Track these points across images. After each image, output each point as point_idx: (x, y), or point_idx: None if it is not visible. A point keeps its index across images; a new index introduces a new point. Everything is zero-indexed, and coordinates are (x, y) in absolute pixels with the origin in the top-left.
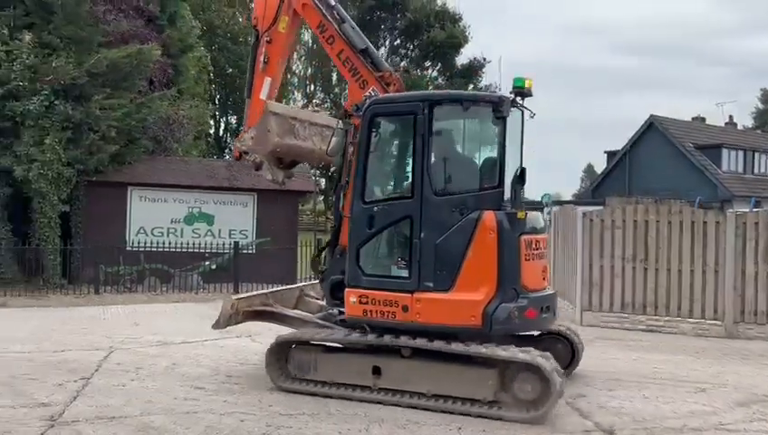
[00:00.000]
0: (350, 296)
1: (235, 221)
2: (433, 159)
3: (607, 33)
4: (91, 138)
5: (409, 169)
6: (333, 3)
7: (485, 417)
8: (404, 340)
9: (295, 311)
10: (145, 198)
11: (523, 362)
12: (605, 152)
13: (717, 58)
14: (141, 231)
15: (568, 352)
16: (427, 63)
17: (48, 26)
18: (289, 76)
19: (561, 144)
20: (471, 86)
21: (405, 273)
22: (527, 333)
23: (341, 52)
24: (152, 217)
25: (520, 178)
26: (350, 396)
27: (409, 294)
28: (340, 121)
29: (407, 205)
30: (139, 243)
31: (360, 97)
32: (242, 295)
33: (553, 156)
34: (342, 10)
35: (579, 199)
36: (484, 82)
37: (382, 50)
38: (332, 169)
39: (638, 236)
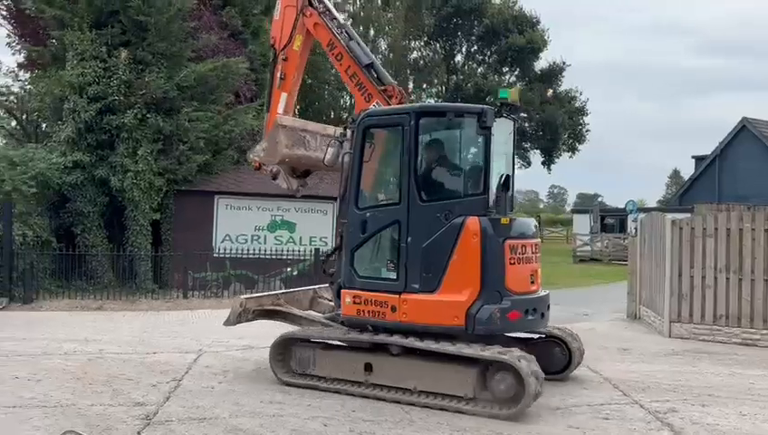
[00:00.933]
0: (346, 297)
1: (315, 228)
2: (419, 167)
3: (692, 33)
4: (180, 149)
5: (398, 176)
6: (342, 21)
7: (466, 413)
8: (383, 337)
9: (303, 311)
10: (230, 207)
11: (502, 361)
12: (693, 157)
13: None
14: (227, 238)
15: (565, 355)
16: (505, 69)
17: (142, 43)
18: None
19: (644, 149)
20: (550, 91)
21: (393, 275)
22: (524, 335)
23: (349, 67)
24: (237, 225)
25: (504, 185)
26: (345, 391)
27: (397, 295)
28: (336, 133)
29: (395, 210)
30: (224, 249)
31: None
32: (251, 295)
33: (637, 161)
34: (350, 28)
35: (665, 206)
36: (563, 86)
37: (459, 56)
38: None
39: (731, 244)
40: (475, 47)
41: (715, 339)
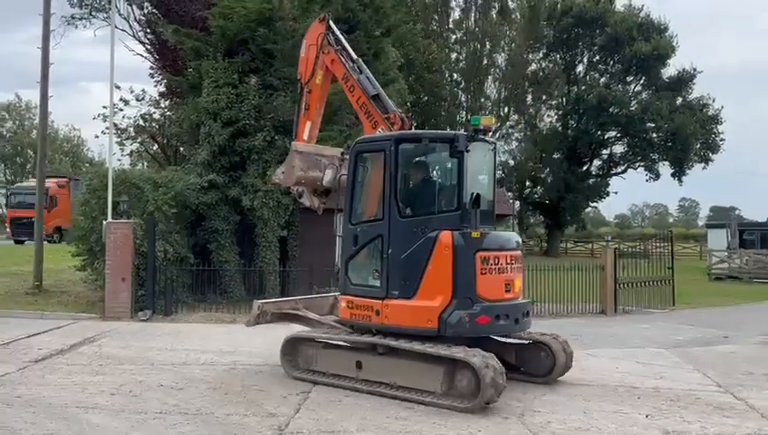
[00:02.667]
0: (342, 302)
1: None
2: (399, 187)
3: None
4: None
5: (381, 195)
6: (355, 57)
7: (436, 406)
8: (367, 338)
9: (318, 315)
10: None
11: (460, 359)
12: None
13: None
14: None
15: (549, 359)
16: (629, 78)
17: (270, 69)
18: (482, 100)
19: None
20: (680, 99)
21: (378, 283)
22: (516, 340)
23: (359, 98)
24: None
25: (474, 202)
26: (339, 385)
27: (380, 301)
28: (335, 157)
29: (379, 225)
30: None
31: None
32: (269, 300)
33: None
34: (361, 63)
35: None
36: (693, 94)
37: (580, 67)
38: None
39: None
40: (597, 57)
41: None
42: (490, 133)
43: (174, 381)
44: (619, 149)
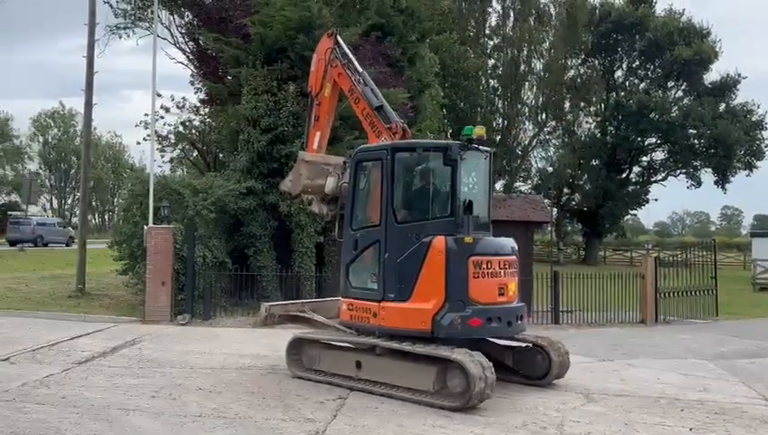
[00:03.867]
0: (343, 304)
1: None
2: (395, 194)
3: None
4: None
5: (378, 202)
6: (361, 71)
7: (428, 405)
8: (365, 339)
9: (323, 318)
10: None
11: (452, 360)
12: None
13: None
14: None
15: (545, 362)
16: (671, 83)
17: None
18: (519, 106)
19: None
20: (723, 105)
21: (375, 286)
22: (514, 343)
23: (364, 109)
24: None
25: (467, 209)
26: (340, 384)
27: (377, 303)
28: (336, 166)
29: (376, 231)
30: None
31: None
32: (276, 303)
33: None
34: (366, 75)
35: None
36: (737, 100)
37: (619, 72)
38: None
39: None
40: (637, 62)
41: None
42: (484, 142)
43: (212, 385)
44: (659, 155)
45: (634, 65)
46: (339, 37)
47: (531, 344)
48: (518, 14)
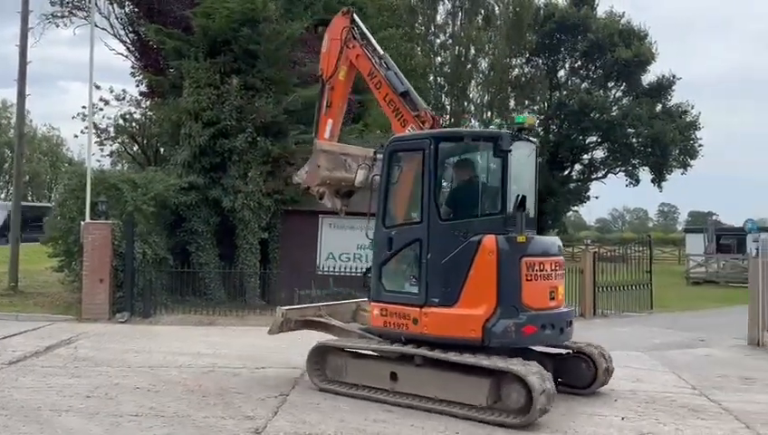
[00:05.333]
0: (374, 309)
1: None
2: (439, 188)
3: None
4: (287, 170)
5: (419, 197)
6: (382, 53)
7: (477, 420)
8: (408, 348)
9: (343, 323)
10: (334, 226)
11: (517, 374)
12: None
13: None
14: (330, 256)
15: (591, 372)
16: (611, 84)
17: (252, 70)
18: (466, 104)
19: (763, 165)
20: (659, 106)
21: (415, 289)
22: (554, 350)
23: (387, 95)
24: (340, 244)
25: (520, 205)
26: (373, 398)
27: (418, 308)
28: (360, 157)
29: (417, 229)
30: (328, 268)
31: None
32: (293, 307)
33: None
34: (389, 58)
35: None
36: (673, 101)
37: (562, 72)
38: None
39: None
40: (579, 62)
41: None
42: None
43: (151, 384)
44: (599, 154)
45: (576, 65)
46: (356, 16)
47: (575, 351)
48: (466, 13)
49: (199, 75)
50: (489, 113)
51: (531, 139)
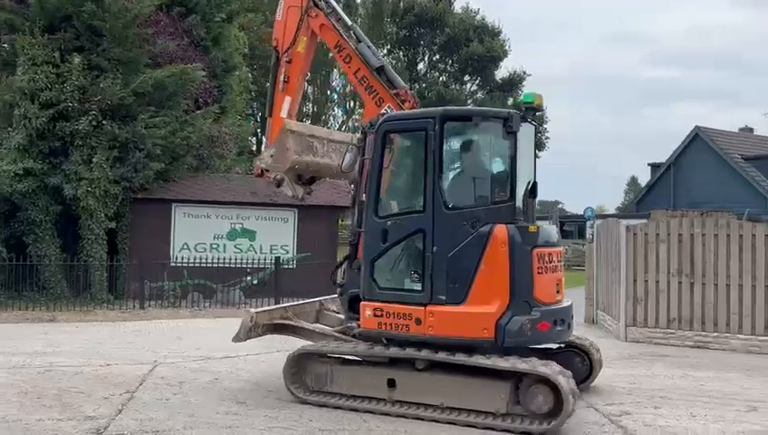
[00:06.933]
0: (366, 309)
1: (276, 237)
2: (444, 173)
3: (647, 44)
4: (136, 156)
5: (421, 183)
6: (350, 24)
7: (497, 429)
8: (412, 352)
9: (314, 325)
10: (189, 215)
11: (544, 376)
12: (649, 165)
13: (764, 68)
14: (185, 247)
15: (586, 366)
16: (466, 78)
17: (97, 49)
18: (329, 93)
19: (604, 157)
20: (511, 100)
21: (418, 286)
22: (544, 346)
23: (358, 70)
24: (195, 233)
25: (531, 191)
26: (366, 408)
27: (422, 307)
28: (354, 138)
29: (419, 219)
30: (182, 258)
31: (375, 114)
32: (261, 309)
33: (598, 169)
34: (359, 30)
35: (623, 213)
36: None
37: (421, 65)
38: (351, 185)
39: (683, 250)
40: (437, 56)
41: (669, 342)
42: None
43: None
44: None
45: (434, 59)
46: None
47: (565, 345)
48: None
49: (36, 52)
50: (352, 103)
51: (532, 121)
